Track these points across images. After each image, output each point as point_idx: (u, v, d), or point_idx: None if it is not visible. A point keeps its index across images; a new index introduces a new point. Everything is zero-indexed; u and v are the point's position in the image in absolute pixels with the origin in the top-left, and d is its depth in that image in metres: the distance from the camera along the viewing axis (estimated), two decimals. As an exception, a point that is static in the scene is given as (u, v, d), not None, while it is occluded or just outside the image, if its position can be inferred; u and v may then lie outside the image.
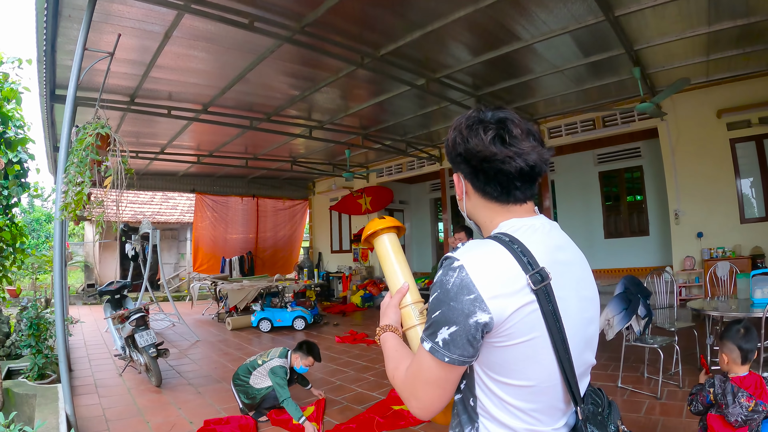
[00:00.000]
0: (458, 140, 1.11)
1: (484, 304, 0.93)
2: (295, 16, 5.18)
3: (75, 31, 4.77)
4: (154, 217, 17.49)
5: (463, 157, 1.11)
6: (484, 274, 0.95)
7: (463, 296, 0.93)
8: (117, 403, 5.05)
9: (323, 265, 16.29)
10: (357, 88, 7.77)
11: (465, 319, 0.93)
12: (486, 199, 1.12)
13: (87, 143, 3.96)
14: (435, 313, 0.97)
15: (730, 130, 7.72)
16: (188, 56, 5.94)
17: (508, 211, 1.11)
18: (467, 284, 0.94)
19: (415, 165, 13.06)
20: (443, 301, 0.96)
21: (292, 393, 4.52)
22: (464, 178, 1.15)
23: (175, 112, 7.56)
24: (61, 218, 3.97)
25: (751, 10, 5.44)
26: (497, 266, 0.97)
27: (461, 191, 1.17)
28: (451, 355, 0.94)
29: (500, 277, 0.96)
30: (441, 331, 0.95)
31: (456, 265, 0.97)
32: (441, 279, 0.98)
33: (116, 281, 7.48)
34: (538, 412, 1.01)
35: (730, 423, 2.51)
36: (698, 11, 5.43)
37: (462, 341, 0.94)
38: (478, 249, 1.00)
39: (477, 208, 1.15)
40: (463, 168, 1.13)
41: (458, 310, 0.93)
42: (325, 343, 8.23)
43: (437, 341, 0.95)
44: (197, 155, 11.31)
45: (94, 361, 7.02)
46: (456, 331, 0.93)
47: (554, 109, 9.40)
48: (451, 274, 0.96)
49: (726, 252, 7.52)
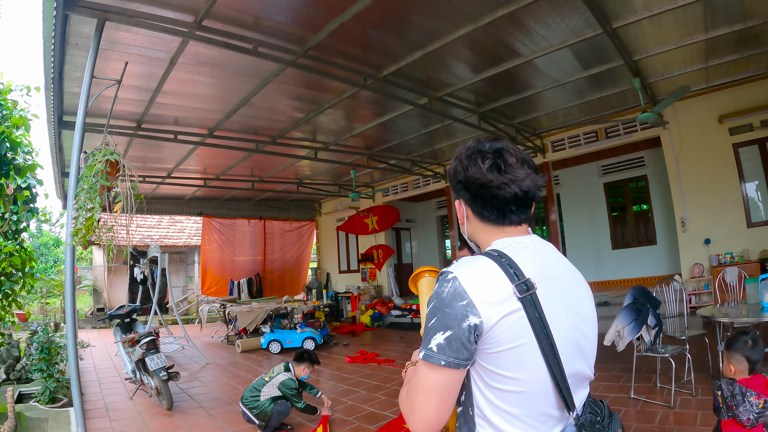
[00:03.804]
0: (459, 169, 1.21)
1: (475, 308, 1.00)
2: (298, 40, 5.30)
3: (82, 58, 4.90)
4: (161, 240, 17.60)
5: (463, 184, 1.20)
6: (475, 283, 1.03)
7: (457, 302, 1.00)
8: (128, 426, 5.04)
9: (331, 286, 16.28)
10: (361, 109, 7.87)
11: (459, 322, 0.99)
12: (483, 222, 1.21)
13: (96, 170, 4.04)
14: (431, 322, 1.03)
15: (732, 134, 7.75)
16: (193, 82, 6.06)
17: (502, 232, 1.20)
18: (460, 292, 1.01)
19: (421, 183, 13.12)
20: (438, 308, 1.02)
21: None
22: (465, 203, 1.24)
23: (181, 137, 7.69)
24: (72, 244, 4.03)
25: (747, 15, 5.49)
26: (486, 276, 1.05)
27: (462, 216, 1.27)
28: (446, 358, 0.99)
29: (489, 285, 1.03)
30: (436, 337, 1.01)
31: (450, 277, 1.05)
32: (436, 290, 1.06)
33: (126, 305, 7.52)
34: (530, 417, 1.05)
35: (743, 423, 2.54)
36: (695, 19, 5.49)
37: (456, 344, 0.99)
38: (469, 263, 1.09)
39: (476, 230, 1.24)
40: (463, 194, 1.23)
41: (452, 315, 1.00)
42: (336, 363, 8.21)
43: (431, 347, 1.01)
44: (204, 179, 11.43)
45: (105, 384, 7.02)
46: (451, 335, 0.99)
47: (557, 122, 9.45)
48: (446, 285, 1.04)
49: (734, 257, 7.47)
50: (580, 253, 11.38)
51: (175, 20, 4.53)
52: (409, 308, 12.54)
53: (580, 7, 4.95)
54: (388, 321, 12.81)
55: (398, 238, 15.89)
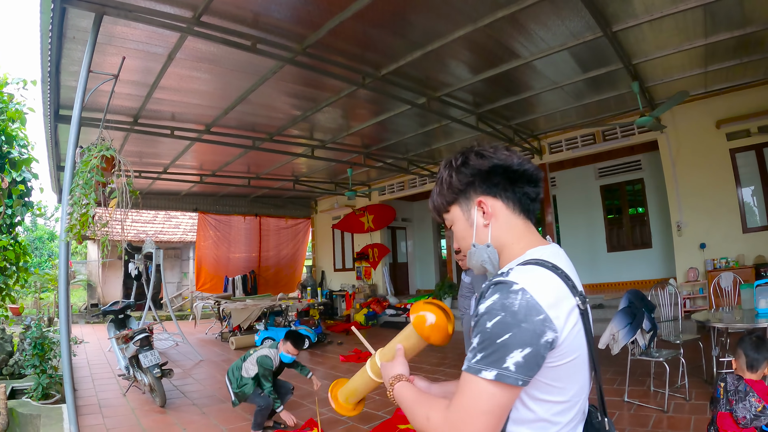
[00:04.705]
0: (478, 160, 1.15)
1: (552, 323, 0.94)
2: (297, 38, 5.27)
3: (79, 52, 4.85)
4: (156, 236, 17.53)
5: (485, 175, 1.14)
6: (546, 296, 0.96)
7: (533, 317, 0.93)
8: (121, 423, 5.01)
9: (326, 284, 16.26)
10: (358, 108, 7.85)
11: (537, 339, 0.93)
12: (516, 214, 1.15)
13: (92, 165, 4.01)
14: (503, 337, 0.92)
15: (729, 140, 7.77)
16: (191, 77, 6.02)
17: (528, 231, 1.15)
18: (534, 305, 0.94)
19: (417, 182, 13.12)
20: (512, 323, 0.92)
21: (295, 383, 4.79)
22: (494, 197, 1.15)
23: (178, 133, 7.64)
24: (66, 240, 4.00)
25: (747, 21, 5.50)
26: (554, 288, 0.99)
27: (477, 219, 1.16)
28: (524, 377, 0.92)
29: (558, 298, 0.98)
30: (512, 355, 0.91)
31: (516, 288, 0.96)
32: (502, 302, 0.95)
33: (120, 301, 7.48)
34: (566, 426, 1.05)
35: (737, 420, 2.61)
36: (695, 24, 5.49)
37: (533, 362, 0.93)
38: (532, 273, 1.01)
39: (504, 229, 1.15)
40: (486, 187, 1.15)
41: (531, 331, 0.92)
42: (330, 362, 8.20)
43: (506, 366, 0.91)
44: (200, 175, 11.39)
45: (98, 380, 6.99)
46: (530, 353, 0.92)
47: (554, 124, 9.46)
48: (514, 296, 0.95)
49: (729, 262, 7.50)
50: (575, 255, 11.20)
51: (173, 15, 4.50)
52: (404, 307, 12.54)
53: (580, 9, 4.94)
54: (382, 320, 12.80)
55: (394, 237, 15.88)
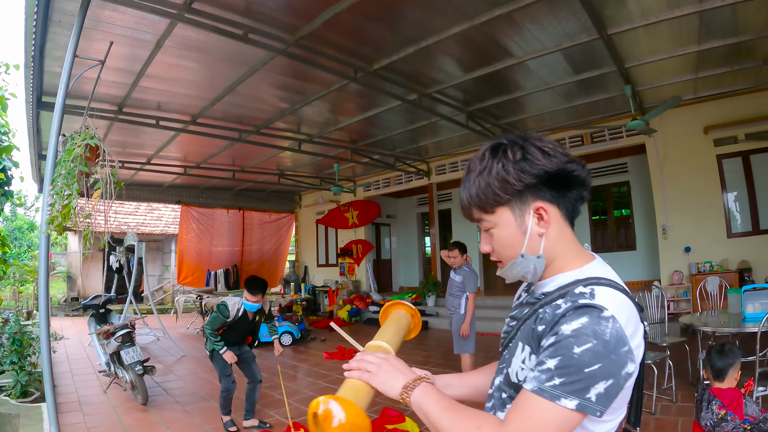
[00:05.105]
0: (539, 159, 1.01)
1: (633, 354, 0.91)
2: (290, 29, 5.15)
3: (65, 37, 4.67)
4: (138, 228, 17.22)
5: (550, 178, 1.03)
6: (630, 325, 0.93)
7: (620, 348, 0.89)
8: (102, 422, 4.88)
9: (309, 279, 16.15)
10: (347, 102, 7.76)
11: (620, 370, 0.89)
12: (566, 222, 1.08)
13: (75, 154, 3.86)
14: (592, 367, 0.87)
15: (716, 146, 7.84)
16: (179, 66, 5.86)
17: (575, 241, 1.10)
18: (622, 336, 0.90)
19: (403, 179, 13.07)
20: (603, 354, 0.87)
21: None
22: (551, 204, 1.05)
23: (163, 123, 7.45)
24: (47, 232, 3.85)
25: (741, 29, 5.53)
26: (633, 316, 0.96)
27: (532, 227, 1.05)
28: (602, 408, 0.89)
29: (636, 327, 0.95)
30: (597, 386, 0.87)
31: (607, 315, 0.90)
32: (594, 329, 0.89)
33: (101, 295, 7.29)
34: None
35: (702, 428, 2.71)
36: (689, 30, 5.51)
37: (612, 394, 0.89)
38: (616, 298, 0.96)
39: (555, 239, 1.06)
40: (548, 193, 1.04)
41: (617, 363, 0.88)
42: (314, 359, 8.12)
43: (589, 397, 0.87)
44: (184, 166, 11.15)
45: (78, 376, 6.81)
46: (611, 385, 0.88)
47: (543, 125, 9.46)
48: (605, 324, 0.89)
49: (713, 266, 7.58)
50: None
51: (164, 1, 4.35)
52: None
53: (578, 11, 4.91)
54: (365, 317, 12.77)
55: (378, 233, 15.79)
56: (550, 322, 0.96)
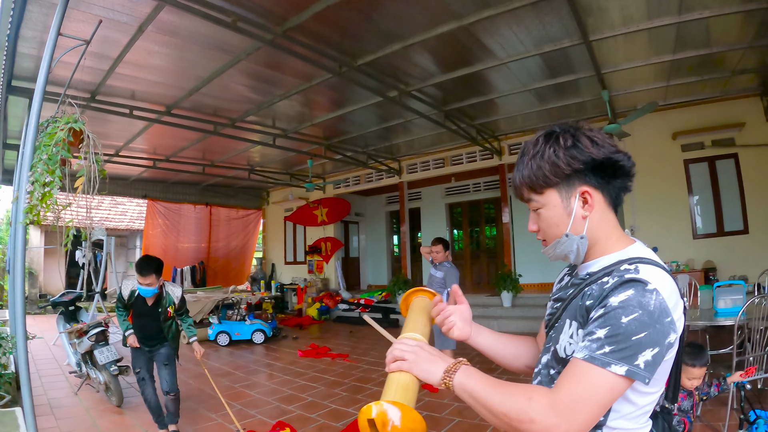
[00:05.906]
0: (588, 147, 1.09)
1: (675, 326, 0.98)
2: (278, 20, 5.07)
3: (43, 15, 4.45)
4: (102, 222, 16.50)
5: (597, 166, 1.10)
6: (671, 298, 0.99)
7: (664, 319, 0.95)
8: (77, 425, 4.66)
9: (276, 277, 15.94)
10: (324, 98, 7.71)
11: (664, 339, 0.96)
12: (610, 207, 1.16)
13: (58, 138, 3.67)
14: (639, 335, 0.93)
15: (684, 151, 8.21)
16: (159, 53, 5.64)
17: (617, 226, 1.17)
18: (665, 308, 0.96)
19: (374, 177, 13.08)
20: (648, 323, 0.94)
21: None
22: (595, 189, 1.12)
23: (137, 113, 7.16)
24: (26, 222, 3.64)
25: (714, 41, 5.84)
26: (675, 291, 1.02)
27: (577, 210, 1.12)
28: (649, 375, 0.95)
29: (677, 301, 1.01)
30: (644, 353, 0.94)
31: (650, 288, 0.97)
32: (639, 300, 0.96)
33: (69, 291, 6.96)
34: (648, 413, 1.11)
35: None
36: (666, 39, 5.75)
37: (658, 361, 0.96)
38: (660, 274, 1.02)
39: (598, 222, 1.14)
40: (594, 179, 1.12)
41: (662, 332, 0.95)
42: (288, 357, 8.02)
43: (637, 363, 0.93)
44: (153, 159, 10.77)
45: (46, 378, 6.46)
46: (657, 353, 0.95)
47: (515, 126, 9.68)
48: (649, 296, 0.96)
49: (680, 266, 7.89)
50: (529, 255, 11.63)
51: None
52: (357, 302, 12.52)
53: (564, 16, 5.05)
54: (335, 315, 12.71)
55: (347, 231, 15.73)
56: (598, 297, 1.02)
